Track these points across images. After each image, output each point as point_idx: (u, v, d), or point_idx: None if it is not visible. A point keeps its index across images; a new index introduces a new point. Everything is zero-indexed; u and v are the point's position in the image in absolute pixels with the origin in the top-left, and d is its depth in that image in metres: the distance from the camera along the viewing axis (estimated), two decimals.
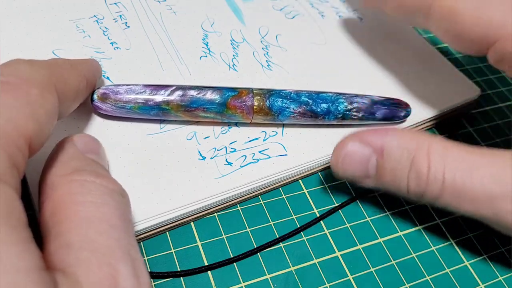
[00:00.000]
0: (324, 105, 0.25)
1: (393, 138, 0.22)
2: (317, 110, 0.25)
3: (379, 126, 0.26)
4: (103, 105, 0.23)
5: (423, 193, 0.21)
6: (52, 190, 0.17)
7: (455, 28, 0.23)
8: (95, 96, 0.23)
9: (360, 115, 0.26)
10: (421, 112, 0.28)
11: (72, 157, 0.18)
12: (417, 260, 0.24)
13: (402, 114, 0.27)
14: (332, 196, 0.26)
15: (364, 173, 0.23)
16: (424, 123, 0.29)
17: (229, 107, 0.24)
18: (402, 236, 0.25)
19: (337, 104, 0.25)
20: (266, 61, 0.29)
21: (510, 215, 0.20)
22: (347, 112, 0.26)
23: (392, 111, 0.26)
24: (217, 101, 0.24)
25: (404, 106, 0.27)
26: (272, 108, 0.25)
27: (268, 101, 0.24)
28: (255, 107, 0.24)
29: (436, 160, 0.20)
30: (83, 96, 0.21)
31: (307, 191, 0.26)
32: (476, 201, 0.20)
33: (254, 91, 0.24)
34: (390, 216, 0.25)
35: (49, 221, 0.16)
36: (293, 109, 0.25)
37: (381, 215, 0.25)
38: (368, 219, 0.25)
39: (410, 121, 0.28)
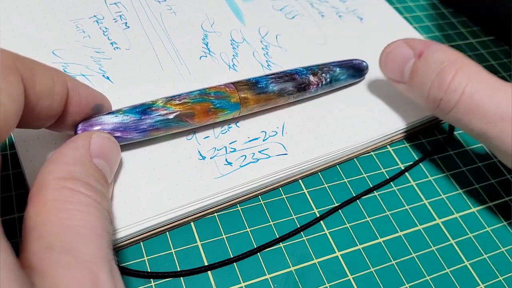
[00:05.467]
0: (303, 76, 0.27)
1: (436, 48, 0.24)
2: (296, 77, 0.27)
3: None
4: None
5: (440, 100, 0.24)
6: (42, 190, 0.17)
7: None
8: (79, 132, 0.21)
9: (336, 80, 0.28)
10: (422, 112, 0.29)
11: (76, 160, 0.18)
12: (417, 260, 0.24)
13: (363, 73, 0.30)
14: (332, 196, 0.26)
15: (399, 73, 0.26)
16: (425, 123, 0.29)
17: (209, 88, 0.24)
18: (402, 236, 0.25)
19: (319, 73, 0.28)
20: (266, 61, 0.29)
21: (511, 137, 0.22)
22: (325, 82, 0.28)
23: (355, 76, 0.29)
24: (197, 90, 0.24)
25: (364, 69, 0.30)
26: (251, 79, 0.25)
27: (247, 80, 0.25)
28: (234, 82, 0.25)
29: (462, 75, 0.23)
30: (60, 102, 0.19)
31: (307, 191, 0.26)
32: (486, 118, 0.22)
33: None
34: (390, 216, 0.25)
35: (33, 219, 0.16)
36: (271, 75, 0.26)
37: (381, 215, 0.25)
38: (368, 219, 0.25)
39: (412, 121, 0.28)
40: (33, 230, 0.15)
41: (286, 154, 0.25)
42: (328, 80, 0.28)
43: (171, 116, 0.22)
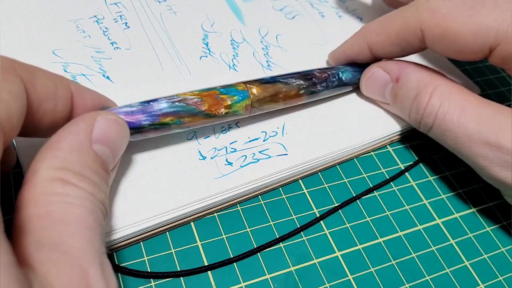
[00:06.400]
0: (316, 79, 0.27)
1: (410, 71, 0.26)
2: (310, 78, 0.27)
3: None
4: None
5: (420, 123, 0.26)
6: (32, 179, 0.16)
7: (454, 45, 0.24)
8: None
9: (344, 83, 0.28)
10: None
11: (73, 147, 0.17)
12: (417, 260, 0.24)
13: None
14: (332, 196, 0.26)
15: (381, 95, 0.27)
16: None
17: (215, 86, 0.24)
18: (402, 236, 0.25)
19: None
20: (266, 61, 0.29)
21: (480, 158, 0.23)
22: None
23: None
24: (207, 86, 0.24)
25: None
26: (264, 78, 0.25)
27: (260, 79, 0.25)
28: (246, 81, 0.24)
29: (435, 98, 0.24)
30: (64, 105, 0.19)
31: (307, 191, 0.26)
32: (456, 139, 0.24)
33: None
34: (390, 216, 0.25)
35: (22, 212, 0.15)
36: (284, 74, 0.26)
37: (381, 215, 0.25)
38: (368, 219, 0.25)
39: None
40: (22, 222, 0.15)
41: (286, 154, 0.25)
42: (336, 83, 0.27)
43: (178, 98, 0.22)
